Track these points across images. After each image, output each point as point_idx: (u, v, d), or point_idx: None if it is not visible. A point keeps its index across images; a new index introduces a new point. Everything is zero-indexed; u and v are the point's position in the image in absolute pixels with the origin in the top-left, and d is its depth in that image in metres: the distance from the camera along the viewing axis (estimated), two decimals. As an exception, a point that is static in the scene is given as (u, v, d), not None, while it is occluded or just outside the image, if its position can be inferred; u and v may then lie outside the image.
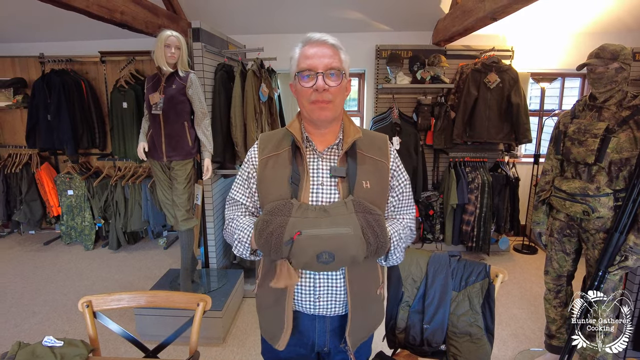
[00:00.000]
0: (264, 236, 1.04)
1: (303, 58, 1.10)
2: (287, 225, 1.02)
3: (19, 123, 4.58)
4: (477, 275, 1.73)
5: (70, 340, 1.39)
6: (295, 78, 1.13)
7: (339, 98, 1.13)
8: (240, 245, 1.16)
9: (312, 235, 1.00)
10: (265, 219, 1.05)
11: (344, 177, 1.13)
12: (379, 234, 1.05)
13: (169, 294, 1.56)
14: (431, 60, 3.88)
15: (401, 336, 1.78)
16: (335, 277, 1.15)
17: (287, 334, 1.16)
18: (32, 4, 3.70)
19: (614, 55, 1.88)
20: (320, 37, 1.10)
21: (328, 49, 1.09)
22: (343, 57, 1.12)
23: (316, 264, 1.01)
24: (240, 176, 1.26)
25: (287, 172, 1.14)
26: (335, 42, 1.11)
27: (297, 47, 1.13)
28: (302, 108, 1.16)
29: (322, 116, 1.12)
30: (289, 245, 1.00)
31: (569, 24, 4.06)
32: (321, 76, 1.07)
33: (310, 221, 1.02)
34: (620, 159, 1.90)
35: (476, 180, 3.86)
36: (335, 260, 1.00)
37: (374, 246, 1.05)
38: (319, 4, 3.84)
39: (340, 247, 1.00)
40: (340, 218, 1.03)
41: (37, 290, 3.42)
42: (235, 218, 1.22)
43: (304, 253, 1.00)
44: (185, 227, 2.77)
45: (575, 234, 2.16)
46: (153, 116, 2.62)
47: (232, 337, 2.77)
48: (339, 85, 1.10)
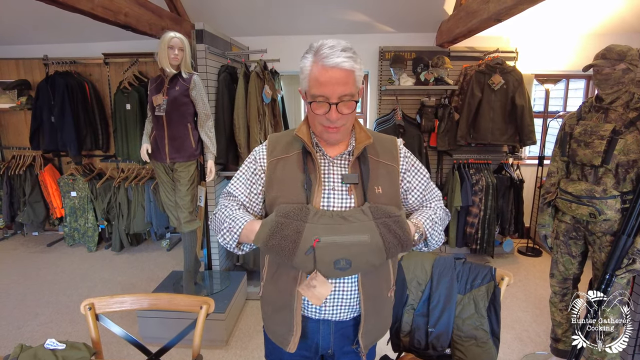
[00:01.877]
0: (277, 238, 1.01)
1: (316, 83, 1.03)
2: (304, 231, 1.00)
3: (23, 125, 4.59)
4: (483, 278, 1.71)
5: (72, 343, 1.38)
6: (305, 99, 1.10)
7: (350, 120, 1.12)
8: (228, 234, 1.12)
9: (331, 243, 0.99)
10: (279, 220, 1.03)
11: (357, 184, 1.12)
12: (400, 235, 1.05)
13: (172, 297, 1.55)
14: (435, 61, 3.87)
15: (406, 339, 1.76)
16: (344, 282, 1.14)
17: (297, 337, 1.16)
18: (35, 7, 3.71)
19: (620, 56, 1.86)
20: (335, 63, 1.00)
21: (342, 75, 1.02)
22: (357, 75, 1.06)
23: (333, 271, 1.01)
24: (243, 173, 1.22)
25: (299, 177, 1.13)
26: (350, 65, 1.02)
27: (308, 60, 1.05)
28: (312, 126, 1.15)
29: (332, 138, 1.13)
30: (311, 253, 0.99)
31: (574, 25, 4.04)
32: (334, 107, 1.04)
33: (328, 227, 1.01)
34: (628, 160, 1.88)
35: (480, 182, 3.83)
36: (352, 267, 1.01)
37: (397, 248, 1.05)
38: (323, 6, 3.84)
39: (357, 254, 1.00)
40: (358, 225, 1.02)
41: (40, 292, 3.41)
42: (229, 207, 1.18)
43: (322, 260, 0.99)
44: (189, 228, 2.76)
45: (582, 237, 2.14)
46: (156, 118, 2.61)
47: (235, 339, 2.75)
48: (351, 112, 1.08)
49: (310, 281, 1.04)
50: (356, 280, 1.14)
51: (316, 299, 1.06)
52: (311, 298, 1.06)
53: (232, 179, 1.24)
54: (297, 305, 1.14)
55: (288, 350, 1.18)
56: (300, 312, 1.15)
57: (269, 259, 1.21)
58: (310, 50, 1.06)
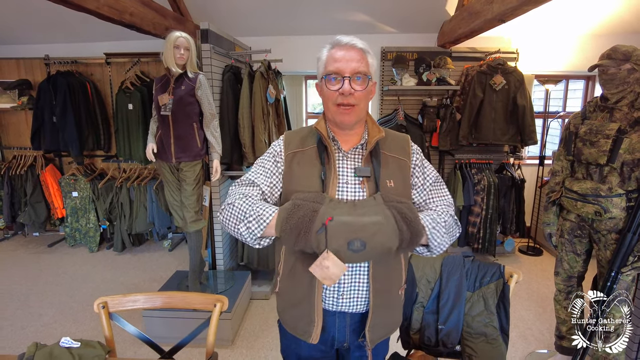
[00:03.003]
0: (294, 219, 1.01)
1: (331, 61, 1.11)
2: (320, 211, 1.00)
3: (24, 125, 4.58)
4: (492, 276, 1.73)
5: (87, 341, 1.38)
6: (321, 80, 1.15)
7: (363, 102, 1.14)
8: (255, 222, 1.07)
9: (345, 222, 0.98)
10: (296, 202, 1.04)
11: (369, 177, 1.15)
12: (412, 219, 1.03)
13: (185, 295, 1.55)
14: (437, 62, 3.89)
15: (416, 337, 1.77)
16: (359, 273, 1.16)
17: (318, 328, 1.17)
18: (36, 6, 3.71)
19: (626, 56, 1.89)
20: (350, 41, 1.11)
21: (356, 52, 1.10)
22: (370, 61, 1.14)
23: (346, 252, 0.97)
24: (262, 165, 1.22)
25: (316, 170, 1.16)
26: (364, 45, 1.12)
27: (325, 49, 1.15)
28: (326, 110, 1.18)
29: (345, 120, 1.14)
30: (322, 232, 0.98)
31: (574, 26, 4.07)
32: (347, 80, 1.09)
33: (343, 209, 1.01)
34: (633, 159, 1.90)
35: (482, 181, 3.86)
36: (367, 248, 0.97)
37: (407, 234, 1.02)
38: (325, 6, 3.85)
39: (372, 235, 0.97)
40: (371, 209, 1.02)
41: (42, 293, 3.40)
42: (251, 196, 1.14)
43: (335, 239, 0.97)
44: (194, 228, 2.76)
45: (586, 235, 2.16)
46: (162, 117, 2.61)
47: (241, 338, 2.76)
48: (364, 90, 1.11)
49: (322, 261, 1.00)
50: (367, 272, 1.15)
51: (329, 279, 1.02)
52: (323, 279, 1.02)
53: (252, 169, 1.23)
54: (318, 296, 1.15)
55: (311, 341, 1.18)
56: (320, 304, 1.16)
57: (285, 253, 1.20)
58: (327, 44, 1.16)
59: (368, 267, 1.15)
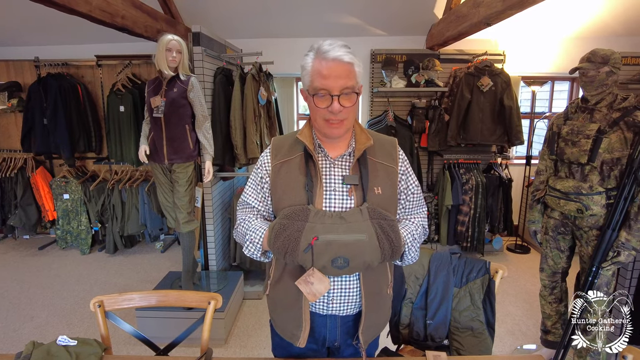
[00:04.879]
0: (280, 239, 1.06)
1: (318, 76, 1.07)
2: (305, 230, 1.04)
3: (14, 127, 4.55)
4: (478, 272, 1.79)
5: (84, 339, 1.40)
6: (309, 93, 1.12)
7: (352, 114, 1.14)
8: (252, 245, 1.18)
9: (329, 241, 1.03)
10: (282, 222, 1.08)
11: (357, 185, 1.16)
12: (393, 239, 1.08)
13: (180, 293, 1.58)
14: (425, 64, 3.96)
15: (405, 332, 1.82)
16: (349, 279, 1.19)
17: (306, 333, 1.20)
18: (25, 8, 3.70)
19: (604, 60, 1.96)
20: (336, 56, 1.05)
21: (343, 68, 1.06)
22: (357, 70, 1.10)
23: (330, 268, 1.04)
24: (253, 180, 1.27)
25: (301, 179, 1.16)
26: (350, 58, 1.07)
27: (309, 57, 1.10)
28: (314, 122, 1.17)
29: (334, 133, 1.14)
30: (308, 251, 1.03)
31: (559, 29, 4.18)
32: (337, 99, 1.07)
33: (327, 227, 1.05)
34: (612, 158, 1.97)
35: (470, 181, 3.93)
36: (350, 265, 1.04)
37: (388, 251, 1.08)
38: (315, 9, 3.90)
39: (355, 253, 1.04)
40: (356, 225, 1.06)
41: (34, 295, 3.40)
42: (247, 219, 1.24)
43: (320, 258, 1.03)
44: (187, 229, 2.79)
45: (570, 232, 2.23)
46: (154, 119, 2.64)
47: (234, 338, 2.79)
48: (353, 105, 1.11)
49: (307, 277, 1.08)
50: (357, 278, 1.19)
51: (312, 295, 1.09)
52: (307, 294, 1.10)
53: (245, 187, 1.30)
54: (305, 302, 1.18)
55: (298, 345, 1.22)
56: (308, 309, 1.19)
57: (275, 259, 1.25)
58: (311, 50, 1.11)
59: (358, 274, 1.19)
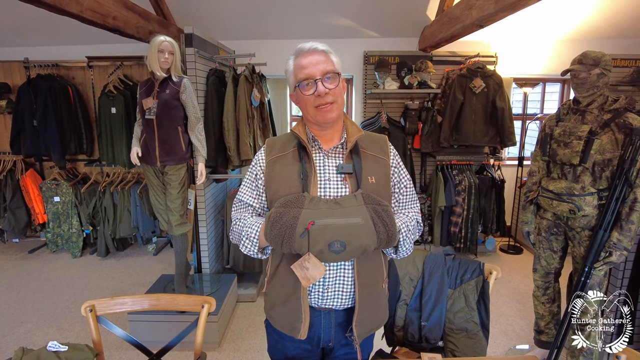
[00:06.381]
0: (277, 227, 1.08)
1: (299, 69, 1.17)
2: (300, 216, 1.06)
3: (3, 129, 4.49)
4: (472, 273, 1.80)
5: (75, 344, 1.38)
6: (295, 89, 1.20)
7: (340, 98, 1.20)
8: (248, 241, 1.19)
9: (325, 225, 1.05)
10: (278, 211, 1.10)
11: (351, 174, 1.19)
12: (388, 223, 1.10)
13: (173, 297, 1.57)
14: (418, 66, 3.97)
15: (400, 334, 1.82)
16: (344, 268, 1.20)
17: (306, 324, 1.20)
18: (15, 8, 3.65)
19: (595, 62, 1.98)
20: (311, 47, 1.17)
21: (320, 55, 1.17)
22: (334, 59, 1.19)
23: (327, 253, 1.05)
24: (248, 179, 1.30)
25: (296, 169, 1.20)
26: (325, 47, 1.19)
27: (290, 60, 1.21)
28: (306, 115, 1.22)
29: (327, 118, 1.18)
30: (305, 236, 1.04)
31: (550, 31, 4.22)
32: (320, 82, 1.14)
33: (323, 212, 1.07)
34: (603, 159, 1.99)
35: (463, 182, 3.95)
36: (347, 249, 1.05)
37: (384, 235, 1.10)
38: (309, 11, 3.90)
39: (351, 236, 1.05)
40: (351, 209, 1.08)
41: (24, 300, 3.34)
42: (242, 217, 1.25)
43: (316, 242, 1.04)
44: (180, 231, 2.77)
45: (562, 232, 2.25)
46: (146, 121, 2.61)
47: (228, 341, 2.77)
48: (337, 86, 1.17)
49: (303, 262, 1.09)
50: (352, 267, 1.20)
51: (306, 280, 1.11)
52: (302, 278, 1.11)
53: (240, 187, 1.32)
54: (304, 293, 1.19)
55: (299, 337, 1.22)
56: (307, 300, 1.20)
57: (272, 254, 1.26)
58: (291, 55, 1.22)
59: (353, 262, 1.19)
